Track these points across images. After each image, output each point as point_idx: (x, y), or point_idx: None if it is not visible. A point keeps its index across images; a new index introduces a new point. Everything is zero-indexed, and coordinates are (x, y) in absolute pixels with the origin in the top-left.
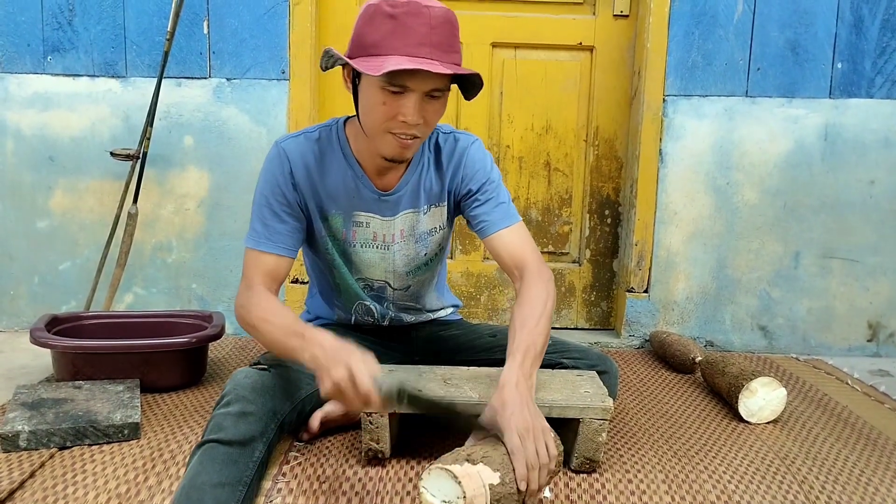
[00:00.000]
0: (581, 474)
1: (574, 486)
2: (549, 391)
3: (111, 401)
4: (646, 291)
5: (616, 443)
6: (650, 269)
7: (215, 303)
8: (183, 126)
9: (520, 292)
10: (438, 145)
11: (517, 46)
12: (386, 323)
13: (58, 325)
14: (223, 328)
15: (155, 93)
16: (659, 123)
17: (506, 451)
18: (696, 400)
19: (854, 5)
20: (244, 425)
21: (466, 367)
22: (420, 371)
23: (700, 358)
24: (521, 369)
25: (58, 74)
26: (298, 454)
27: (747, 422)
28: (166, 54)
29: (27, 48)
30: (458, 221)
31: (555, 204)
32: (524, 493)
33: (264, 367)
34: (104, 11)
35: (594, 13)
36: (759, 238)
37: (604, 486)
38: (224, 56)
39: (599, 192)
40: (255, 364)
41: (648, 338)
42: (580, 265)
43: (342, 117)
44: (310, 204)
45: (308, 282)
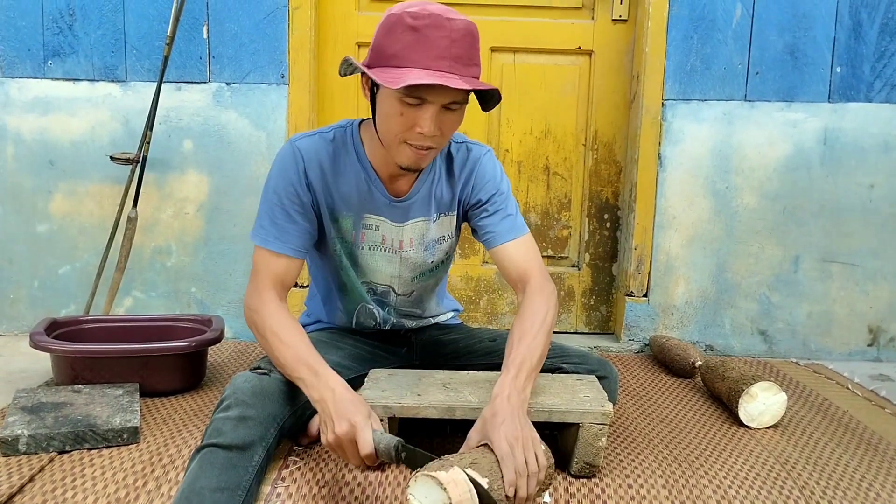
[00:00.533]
0: (581, 479)
1: (574, 492)
2: (549, 396)
3: (110, 405)
4: (645, 295)
5: (616, 447)
6: (649, 274)
7: (215, 306)
8: (182, 130)
9: (521, 305)
10: (451, 154)
11: (516, 51)
12: (387, 327)
13: (57, 329)
14: (223, 332)
15: (155, 97)
16: (658, 127)
17: (495, 459)
18: (696, 404)
19: (853, 9)
20: (243, 430)
21: (466, 372)
22: (420, 375)
23: (700, 362)
24: (515, 382)
25: (58, 79)
26: (298, 459)
27: (747, 427)
28: (166, 59)
29: (28, 53)
30: (463, 228)
31: (554, 208)
32: (512, 500)
33: (264, 372)
34: (104, 16)
35: (593, 18)
36: (759, 242)
37: (604, 492)
38: (224, 60)
39: (598, 196)
40: (255, 368)
41: (648, 342)
42: (579, 269)
43: (357, 119)
44: (322, 204)
45: (307, 285)
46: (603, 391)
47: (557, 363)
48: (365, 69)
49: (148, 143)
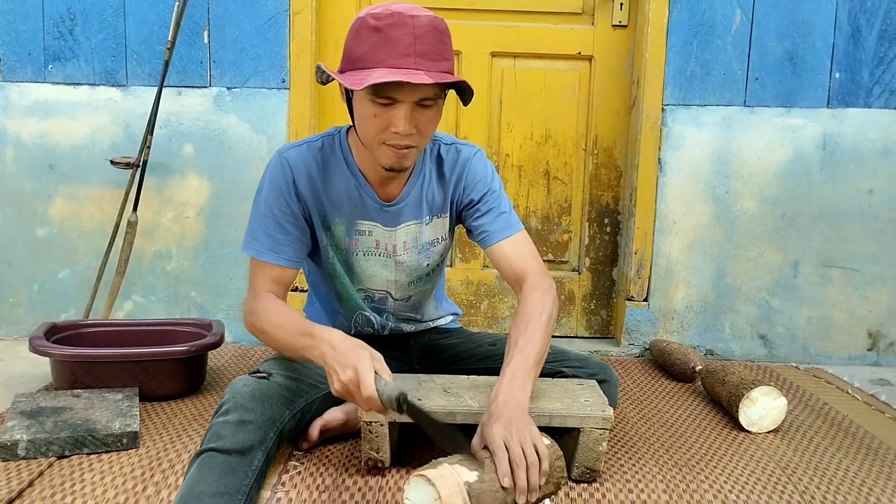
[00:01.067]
0: (581, 484)
1: (574, 496)
2: (549, 400)
3: (110, 409)
4: (645, 300)
5: (616, 452)
6: (650, 278)
7: (215, 311)
8: (183, 134)
9: (518, 304)
10: (440, 156)
11: (516, 56)
12: (385, 332)
13: (57, 334)
14: (222, 336)
15: (155, 101)
16: (658, 132)
17: (489, 454)
18: (697, 409)
19: (852, 15)
20: (243, 434)
21: (466, 376)
22: (420, 380)
23: (700, 367)
24: (512, 384)
25: (58, 83)
26: (298, 463)
27: (748, 431)
28: (167, 63)
29: (28, 57)
30: (458, 230)
31: (554, 212)
32: (514, 493)
33: (263, 376)
34: (105, 21)
35: (593, 23)
36: (759, 247)
37: (604, 496)
38: (224, 65)
39: (599, 201)
40: (255, 372)
41: (648, 346)
42: (580, 273)
43: (344, 126)
44: (313, 213)
45: (306, 290)
46: (603, 395)
47: (558, 367)
48: (334, 74)
49: (148, 148)
